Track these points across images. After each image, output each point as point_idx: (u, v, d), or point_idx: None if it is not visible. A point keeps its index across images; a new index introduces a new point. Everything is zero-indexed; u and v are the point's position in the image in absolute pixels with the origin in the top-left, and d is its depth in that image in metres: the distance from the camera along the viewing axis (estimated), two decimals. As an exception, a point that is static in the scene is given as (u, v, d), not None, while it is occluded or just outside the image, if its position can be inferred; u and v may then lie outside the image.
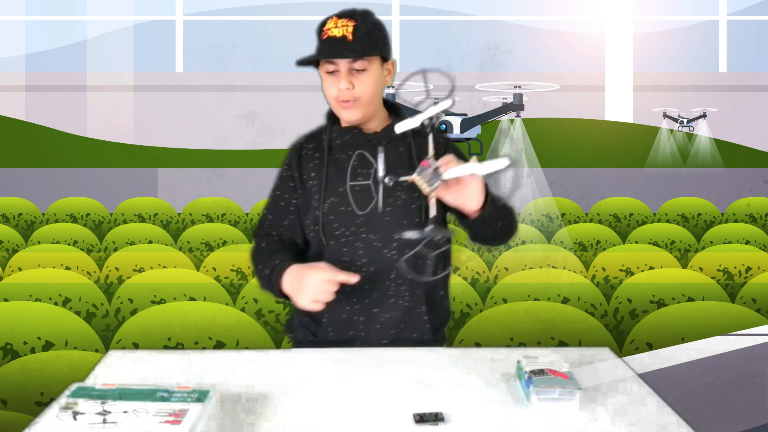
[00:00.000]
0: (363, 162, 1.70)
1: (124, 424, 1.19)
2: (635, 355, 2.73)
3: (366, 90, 1.65)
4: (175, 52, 8.75)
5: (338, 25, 1.63)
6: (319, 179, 1.71)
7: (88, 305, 3.59)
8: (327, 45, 1.64)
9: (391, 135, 1.70)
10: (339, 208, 1.69)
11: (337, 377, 1.48)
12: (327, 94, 1.69)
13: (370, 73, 1.66)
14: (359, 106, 1.66)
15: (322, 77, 1.70)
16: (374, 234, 1.68)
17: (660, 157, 8.74)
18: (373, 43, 1.65)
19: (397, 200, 1.69)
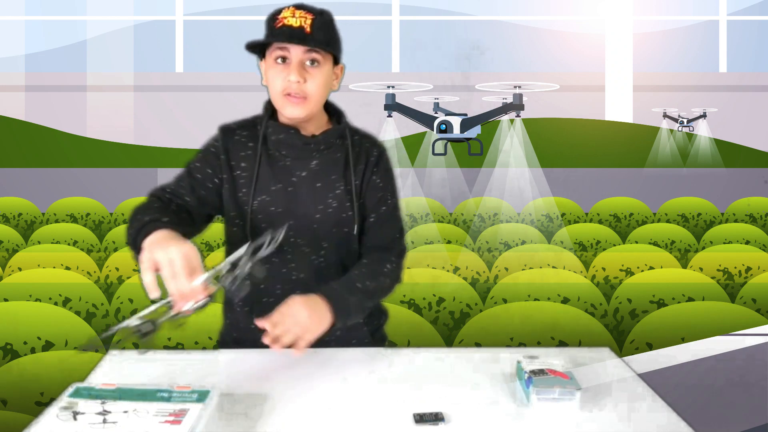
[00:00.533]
0: (296, 165, 1.62)
1: (124, 424, 1.19)
2: (635, 355, 2.73)
3: (316, 88, 1.57)
4: (175, 52, 8.75)
5: (296, 15, 1.54)
6: (249, 172, 1.62)
7: (88, 305, 3.59)
8: (282, 32, 1.54)
9: (330, 141, 1.63)
10: (269, 207, 1.61)
11: (337, 377, 1.48)
12: (272, 85, 1.59)
13: (323, 71, 1.57)
14: (307, 104, 1.57)
15: (265, 69, 1.61)
16: (302, 239, 1.62)
17: (660, 157, 8.74)
18: (330, 40, 1.58)
19: (328, 207, 1.63)
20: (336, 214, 1.63)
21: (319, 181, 1.63)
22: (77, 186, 7.85)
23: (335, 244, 1.65)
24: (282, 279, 1.64)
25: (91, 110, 8.54)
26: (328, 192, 1.62)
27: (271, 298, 1.62)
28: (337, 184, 1.63)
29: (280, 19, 1.55)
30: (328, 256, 1.64)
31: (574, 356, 1.56)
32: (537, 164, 7.11)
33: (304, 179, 1.62)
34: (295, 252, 1.63)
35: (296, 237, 1.61)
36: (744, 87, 8.65)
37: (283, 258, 1.62)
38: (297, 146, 1.62)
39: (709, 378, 2.59)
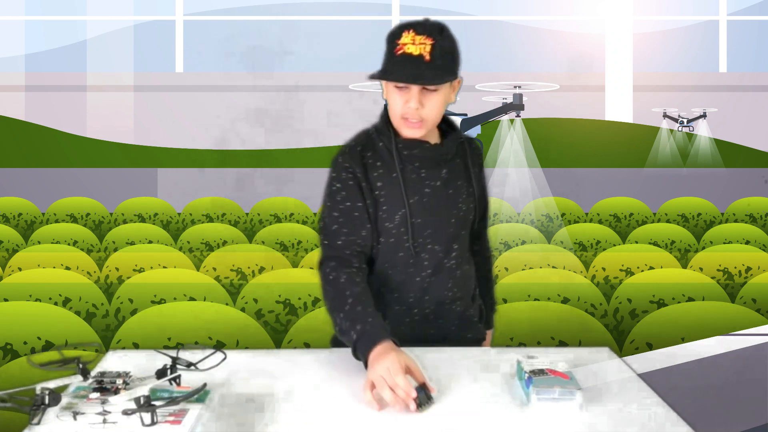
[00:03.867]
0: (429, 176, 1.69)
1: (124, 424, 1.19)
2: (635, 355, 2.73)
3: (434, 112, 1.62)
4: (175, 52, 8.75)
5: (416, 42, 1.57)
6: (386, 191, 1.66)
7: (88, 305, 3.59)
8: (402, 63, 1.57)
9: (453, 149, 1.73)
10: (410, 219, 1.67)
11: (337, 377, 1.48)
12: (391, 106, 1.64)
13: (440, 95, 1.62)
14: (424, 126, 1.63)
15: (385, 87, 1.65)
16: (439, 245, 1.71)
17: (660, 157, 8.74)
18: (450, 66, 1.61)
19: (459, 212, 1.73)
20: (465, 218, 1.75)
21: (450, 188, 1.72)
22: (77, 186, 7.85)
23: (461, 246, 1.76)
24: (415, 286, 1.71)
25: (91, 110, 8.54)
26: (458, 198, 1.73)
27: (402, 306, 1.72)
28: (462, 189, 1.74)
29: (401, 45, 1.57)
30: (457, 258, 1.75)
31: (574, 356, 1.56)
32: (537, 164, 7.11)
33: (438, 188, 1.70)
34: (432, 258, 1.71)
35: (433, 244, 1.70)
36: (744, 87, 8.65)
37: (420, 265, 1.70)
38: (430, 158, 1.69)
39: (709, 378, 2.59)
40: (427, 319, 1.74)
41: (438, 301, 1.73)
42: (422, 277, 1.71)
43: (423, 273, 1.70)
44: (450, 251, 1.73)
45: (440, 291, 1.73)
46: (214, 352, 1.48)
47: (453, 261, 1.73)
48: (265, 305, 3.56)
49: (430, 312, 1.74)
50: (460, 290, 1.77)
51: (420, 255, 1.69)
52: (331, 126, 8.18)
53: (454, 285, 1.74)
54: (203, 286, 3.66)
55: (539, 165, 7.13)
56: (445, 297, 1.74)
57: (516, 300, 3.47)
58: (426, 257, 1.70)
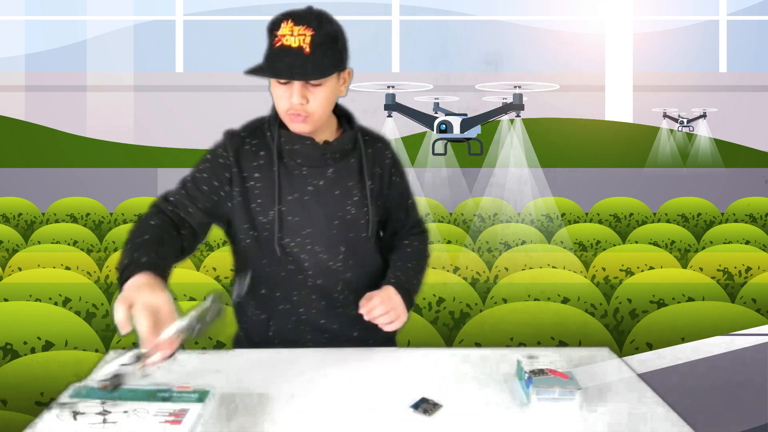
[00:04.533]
0: (312, 174, 1.61)
1: (124, 424, 1.19)
2: (635, 355, 2.73)
3: (320, 105, 1.54)
4: (175, 52, 8.75)
5: (294, 33, 1.48)
6: (263, 183, 1.60)
7: (88, 305, 3.59)
8: (280, 57, 1.48)
9: (344, 147, 1.63)
10: (286, 217, 1.60)
11: (337, 377, 1.48)
12: (276, 102, 1.57)
13: (326, 88, 1.54)
14: (311, 120, 1.55)
15: (270, 82, 1.57)
16: (320, 246, 1.63)
17: (660, 157, 8.74)
18: (332, 57, 1.51)
19: (347, 214, 1.64)
20: (354, 220, 1.65)
21: (337, 188, 1.63)
22: (77, 186, 7.85)
23: (352, 248, 1.66)
24: (298, 285, 1.65)
25: (91, 110, 8.54)
26: (346, 199, 1.64)
27: (287, 305, 1.66)
28: (354, 191, 1.65)
29: (279, 37, 1.49)
30: (345, 260, 1.66)
31: (574, 356, 1.56)
32: (537, 164, 7.11)
33: (321, 188, 1.62)
34: (312, 259, 1.63)
35: (313, 244, 1.63)
36: (744, 87, 8.65)
37: (299, 265, 1.64)
38: (313, 156, 1.61)
39: (709, 378, 2.59)
40: (317, 322, 1.67)
41: (327, 303, 1.66)
42: (305, 276, 1.64)
43: (305, 273, 1.64)
44: (336, 254, 1.64)
45: (328, 293, 1.66)
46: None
47: (340, 264, 1.65)
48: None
49: (319, 314, 1.67)
50: (353, 294, 1.65)
51: (299, 255, 1.62)
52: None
53: (345, 288, 1.66)
54: (203, 286, 3.66)
55: (539, 165, 7.13)
56: (335, 300, 1.67)
57: (516, 300, 3.47)
58: (306, 258, 1.63)
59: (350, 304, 1.65)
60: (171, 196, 1.61)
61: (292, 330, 1.67)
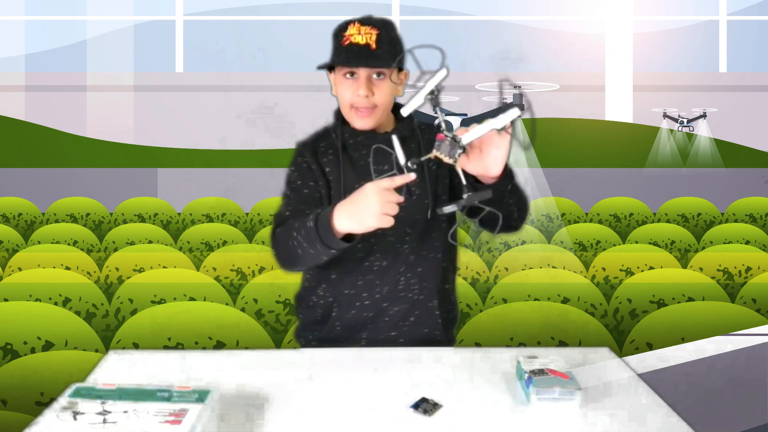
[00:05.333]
0: (379, 159, 1.70)
1: (124, 424, 1.19)
2: (635, 355, 2.73)
3: (383, 98, 1.66)
4: (175, 52, 8.75)
5: (361, 32, 1.63)
6: (335, 175, 1.70)
7: (88, 305, 3.59)
8: (349, 51, 1.62)
9: (403, 134, 1.70)
10: None
11: (337, 377, 1.48)
12: (341, 97, 1.68)
13: (388, 82, 1.66)
14: (374, 114, 1.67)
15: (334, 81, 1.70)
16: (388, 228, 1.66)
17: (660, 157, 8.74)
18: (395, 55, 1.65)
19: (412, 195, 1.70)
20: (419, 202, 1.71)
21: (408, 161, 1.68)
22: (77, 186, 7.85)
23: (418, 231, 1.72)
24: (364, 270, 1.71)
25: (91, 110, 8.53)
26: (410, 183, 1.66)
27: (353, 290, 1.71)
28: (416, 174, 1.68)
29: (347, 36, 1.64)
30: (411, 242, 1.71)
31: (574, 356, 1.56)
32: (537, 164, 7.11)
33: (386, 172, 1.69)
34: (381, 242, 1.69)
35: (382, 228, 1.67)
36: (744, 87, 8.65)
37: (369, 249, 1.70)
38: (374, 144, 1.70)
39: (709, 378, 2.59)
40: (380, 306, 1.72)
41: (390, 287, 1.71)
42: (371, 261, 1.70)
43: (372, 257, 1.70)
44: (403, 235, 1.70)
45: (391, 276, 1.71)
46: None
47: (406, 246, 1.71)
48: (265, 305, 3.56)
49: (382, 298, 1.71)
50: (416, 277, 1.72)
51: (368, 239, 1.64)
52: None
53: (407, 270, 1.71)
54: (203, 286, 3.66)
55: (539, 165, 7.13)
56: (397, 282, 1.71)
57: (516, 300, 3.47)
58: (373, 241, 1.67)
59: (412, 288, 1.72)
60: (285, 212, 1.70)
61: (354, 316, 1.72)
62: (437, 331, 1.76)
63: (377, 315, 1.72)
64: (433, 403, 1.34)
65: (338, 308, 1.72)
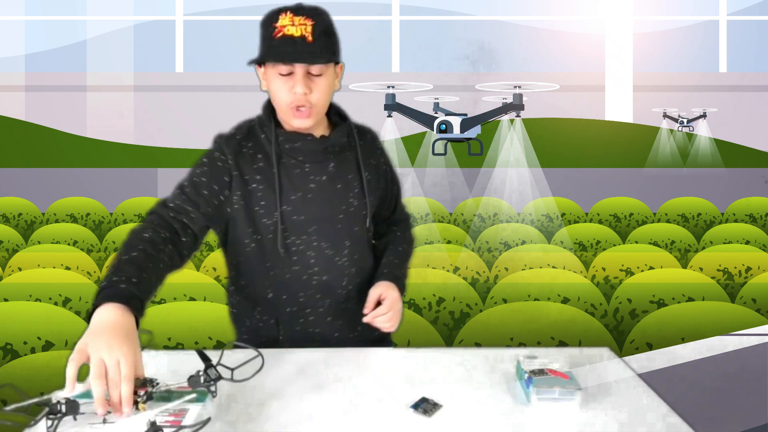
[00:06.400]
0: (314, 170, 1.61)
1: (124, 424, 1.19)
2: (635, 355, 2.73)
3: (322, 97, 1.55)
4: (175, 52, 8.75)
5: (295, 22, 1.49)
6: (266, 185, 1.57)
7: (88, 305, 3.58)
8: (284, 45, 1.49)
9: (341, 140, 1.63)
10: (291, 216, 1.59)
11: (337, 377, 1.48)
12: (277, 96, 1.55)
13: (326, 79, 1.55)
14: (314, 113, 1.55)
15: (264, 76, 1.58)
16: (326, 242, 1.62)
17: (660, 157, 8.74)
18: (332, 47, 1.54)
19: (350, 207, 1.64)
20: (356, 212, 1.65)
21: (339, 182, 1.62)
22: (77, 186, 7.85)
23: (355, 242, 1.66)
24: (304, 285, 1.63)
25: (91, 110, 8.54)
26: (348, 192, 1.64)
27: (294, 306, 1.65)
28: (354, 183, 1.65)
29: (279, 28, 1.50)
30: (350, 255, 1.66)
31: (574, 356, 1.56)
32: (537, 164, 7.11)
33: (324, 182, 1.61)
34: (319, 255, 1.62)
35: (319, 241, 1.61)
36: (744, 87, 8.65)
37: (305, 264, 1.62)
38: (315, 151, 1.60)
39: (709, 378, 2.59)
40: (324, 321, 1.66)
41: (332, 300, 1.65)
42: (309, 275, 1.62)
43: (310, 271, 1.62)
44: (341, 249, 1.63)
45: (333, 290, 1.64)
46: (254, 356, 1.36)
47: (345, 259, 1.64)
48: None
49: (325, 312, 1.66)
50: (356, 289, 1.67)
51: (305, 253, 1.60)
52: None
53: (348, 283, 1.65)
54: (203, 286, 3.66)
55: (539, 165, 7.13)
56: (339, 297, 1.65)
57: (516, 300, 3.47)
58: (312, 255, 1.61)
59: (353, 299, 1.67)
60: (170, 202, 1.55)
61: (300, 331, 1.66)
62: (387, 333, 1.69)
63: (324, 330, 1.67)
64: (433, 403, 1.33)
65: (283, 328, 1.65)
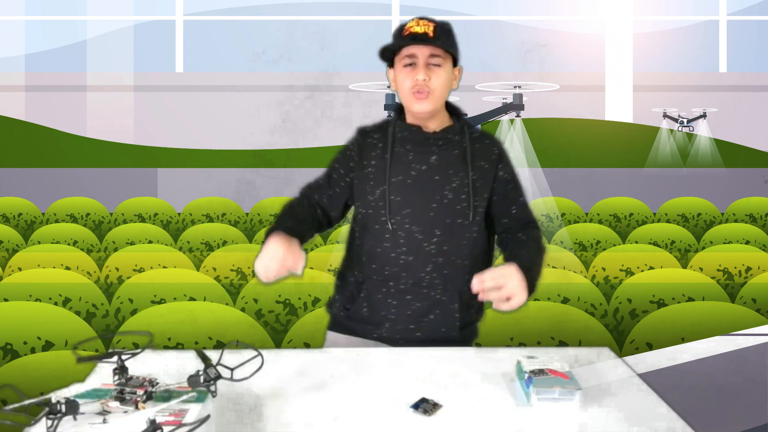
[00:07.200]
0: (417, 159, 1.80)
1: (124, 424, 1.19)
2: (635, 355, 2.73)
3: (440, 83, 1.76)
4: (175, 52, 8.75)
5: (420, 24, 1.75)
6: (378, 166, 1.80)
7: (88, 305, 3.59)
8: (409, 38, 1.74)
9: (448, 137, 1.80)
10: (389, 196, 1.78)
11: (337, 377, 1.48)
12: (401, 86, 1.78)
13: (444, 70, 1.77)
14: (432, 98, 1.75)
15: (394, 75, 1.80)
16: (417, 226, 1.77)
17: (660, 157, 8.74)
18: (451, 43, 1.78)
19: (444, 199, 1.77)
20: (451, 205, 1.78)
21: (438, 174, 1.78)
22: (77, 186, 7.85)
23: (448, 234, 1.78)
24: (391, 261, 1.79)
25: (91, 110, 8.54)
26: (444, 185, 1.78)
27: (380, 277, 1.81)
28: (454, 178, 1.78)
29: (407, 28, 1.76)
30: (440, 244, 1.77)
31: (574, 356, 1.56)
32: (537, 164, 7.11)
33: (424, 172, 1.78)
34: (408, 237, 1.77)
35: (411, 224, 1.77)
36: (744, 87, 8.65)
37: (395, 242, 1.78)
38: (418, 141, 1.80)
39: (709, 378, 2.59)
40: (403, 298, 1.79)
41: (414, 282, 1.78)
42: (397, 253, 1.78)
43: (398, 250, 1.78)
44: (431, 236, 1.77)
45: (417, 272, 1.78)
46: (254, 356, 1.39)
47: (433, 246, 1.77)
48: (265, 305, 3.56)
49: (406, 290, 1.79)
50: (441, 278, 1.78)
51: (396, 233, 1.77)
52: (331, 126, 8.18)
53: (433, 270, 1.77)
54: (203, 286, 3.66)
55: (539, 165, 7.13)
56: (422, 279, 1.78)
57: (516, 300, 3.46)
58: (402, 235, 1.77)
59: (436, 287, 1.78)
60: (312, 183, 1.90)
61: (380, 300, 1.80)
62: (454, 332, 1.80)
63: (400, 305, 1.79)
64: (433, 403, 1.34)
65: (366, 290, 1.81)
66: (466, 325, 1.84)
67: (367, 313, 1.82)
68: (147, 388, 1.26)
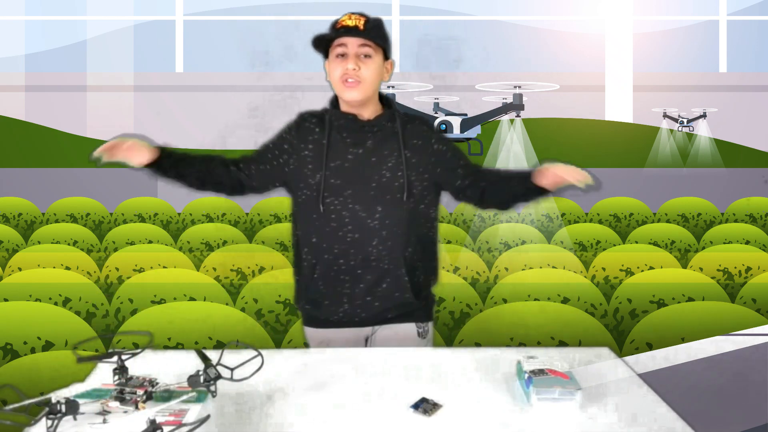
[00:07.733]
0: (354, 144, 1.92)
1: (124, 424, 1.19)
2: (635, 355, 2.73)
3: (370, 74, 1.88)
4: (175, 52, 8.75)
5: (352, 18, 1.88)
6: (316, 152, 1.93)
7: (88, 305, 3.59)
8: (342, 30, 1.87)
9: (382, 123, 1.93)
10: (329, 180, 1.90)
11: (337, 377, 1.48)
12: (333, 75, 1.91)
13: (374, 61, 1.90)
14: (361, 88, 1.88)
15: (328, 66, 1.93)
16: (360, 205, 1.89)
17: (660, 157, 8.74)
18: (380, 36, 1.91)
19: (382, 177, 1.90)
20: (389, 183, 1.91)
21: (374, 156, 1.92)
22: (77, 186, 7.84)
23: (389, 208, 1.91)
24: (339, 239, 1.90)
25: (91, 110, 8.54)
26: (381, 165, 1.91)
27: (330, 255, 1.91)
28: (389, 158, 1.92)
29: (340, 22, 1.89)
30: (382, 219, 1.90)
31: (574, 356, 1.56)
32: (537, 164, 7.11)
33: (360, 156, 1.91)
34: (353, 216, 1.90)
35: (353, 203, 1.90)
36: (744, 87, 8.65)
37: (341, 221, 1.90)
38: (354, 129, 1.92)
39: (709, 378, 2.59)
40: (355, 272, 1.91)
41: (363, 256, 1.90)
42: (344, 232, 1.90)
43: (344, 229, 1.90)
44: (373, 212, 1.90)
45: (364, 247, 1.90)
46: (254, 356, 1.41)
47: (377, 222, 1.90)
48: (265, 305, 3.56)
49: (356, 265, 1.91)
50: (387, 249, 1.90)
51: (341, 213, 1.89)
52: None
53: (379, 243, 1.90)
54: (203, 286, 3.66)
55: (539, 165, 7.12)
56: (370, 254, 1.90)
57: (516, 300, 3.47)
58: (347, 215, 1.90)
59: (383, 258, 1.90)
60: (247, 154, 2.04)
61: (334, 278, 1.92)
62: (407, 294, 1.93)
63: (353, 280, 1.91)
64: (433, 403, 1.34)
65: (320, 270, 1.92)
66: (417, 287, 1.96)
67: (324, 290, 1.93)
68: (147, 388, 1.27)
